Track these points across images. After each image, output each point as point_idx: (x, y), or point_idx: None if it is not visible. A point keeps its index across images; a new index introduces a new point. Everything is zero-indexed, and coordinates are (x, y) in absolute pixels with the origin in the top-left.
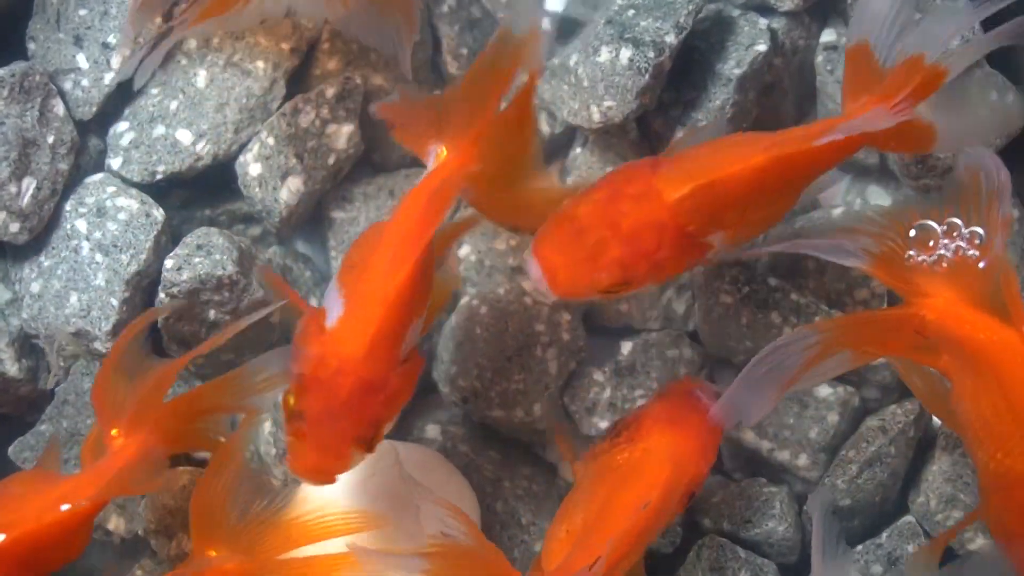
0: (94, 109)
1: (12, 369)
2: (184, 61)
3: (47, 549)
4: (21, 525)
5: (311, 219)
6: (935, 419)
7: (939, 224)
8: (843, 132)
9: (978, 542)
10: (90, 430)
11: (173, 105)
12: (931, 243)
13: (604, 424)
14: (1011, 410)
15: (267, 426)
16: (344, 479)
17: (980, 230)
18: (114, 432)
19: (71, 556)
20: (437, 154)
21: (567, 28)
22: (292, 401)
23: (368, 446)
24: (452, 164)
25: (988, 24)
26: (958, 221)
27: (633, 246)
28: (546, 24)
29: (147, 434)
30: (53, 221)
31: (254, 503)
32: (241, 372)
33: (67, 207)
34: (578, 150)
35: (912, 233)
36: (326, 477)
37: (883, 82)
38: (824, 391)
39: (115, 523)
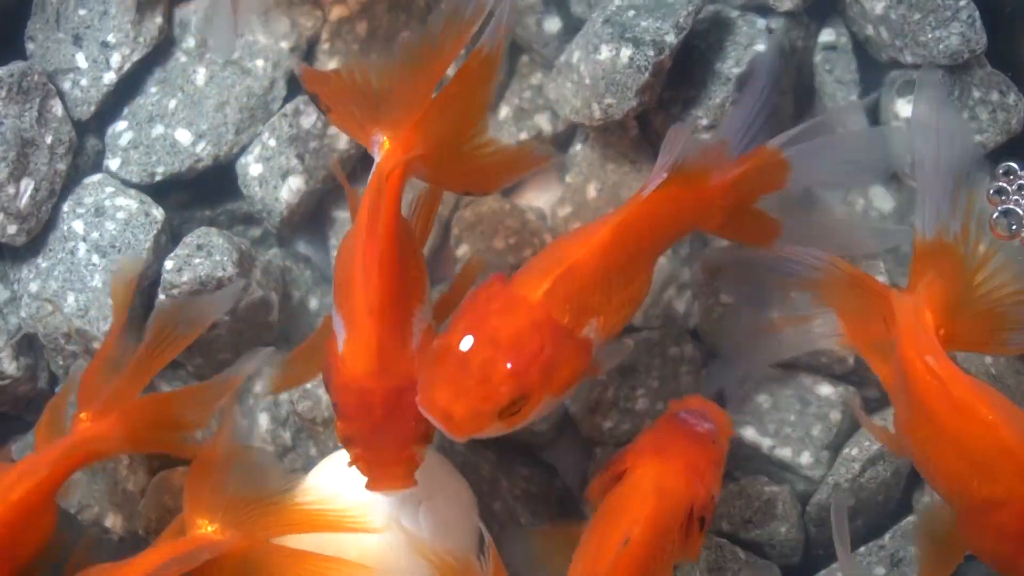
0: (92, 109)
1: (11, 368)
2: (184, 59)
3: (14, 533)
4: None
5: (312, 219)
6: None
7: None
8: (665, 169)
9: None
10: (43, 412)
11: (172, 104)
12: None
13: (608, 424)
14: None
15: (264, 424)
16: (353, 476)
17: (1014, 164)
18: (83, 415)
19: (41, 538)
20: (380, 144)
21: (569, 27)
22: (340, 428)
23: (428, 438)
24: (395, 156)
25: None
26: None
27: (519, 353)
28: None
29: (112, 422)
30: (51, 222)
31: (252, 482)
32: (211, 385)
33: (65, 208)
34: (579, 147)
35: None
36: (404, 482)
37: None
38: (826, 389)
39: (112, 521)
